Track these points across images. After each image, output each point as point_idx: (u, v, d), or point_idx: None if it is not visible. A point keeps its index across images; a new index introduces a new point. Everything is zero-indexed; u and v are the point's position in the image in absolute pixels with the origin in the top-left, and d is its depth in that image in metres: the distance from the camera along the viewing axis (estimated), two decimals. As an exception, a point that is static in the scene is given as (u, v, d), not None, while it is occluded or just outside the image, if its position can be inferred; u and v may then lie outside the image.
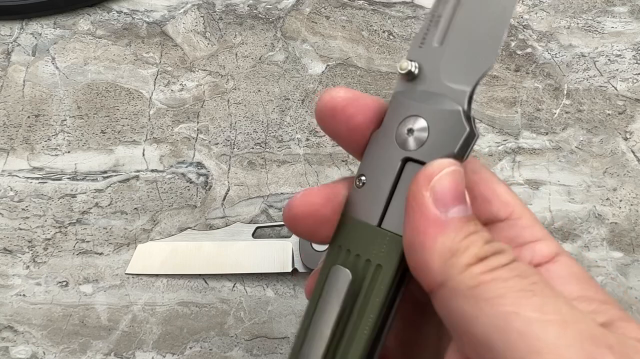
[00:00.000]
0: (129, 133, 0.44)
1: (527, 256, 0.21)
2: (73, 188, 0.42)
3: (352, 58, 0.47)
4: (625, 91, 0.46)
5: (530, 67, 0.47)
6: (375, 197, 0.21)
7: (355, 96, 0.22)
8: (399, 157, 0.21)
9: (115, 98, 0.45)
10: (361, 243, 0.21)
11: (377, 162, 0.22)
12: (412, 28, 0.49)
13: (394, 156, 0.21)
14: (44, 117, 0.44)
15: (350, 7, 0.50)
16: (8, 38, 0.47)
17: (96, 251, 0.40)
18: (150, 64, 0.46)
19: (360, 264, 0.21)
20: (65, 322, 0.38)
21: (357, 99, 0.22)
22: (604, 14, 0.49)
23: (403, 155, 0.21)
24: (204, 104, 0.45)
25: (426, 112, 0.21)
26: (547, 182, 0.42)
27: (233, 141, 0.44)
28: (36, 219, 0.41)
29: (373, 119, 0.22)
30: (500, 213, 0.22)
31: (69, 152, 0.43)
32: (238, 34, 0.48)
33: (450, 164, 0.20)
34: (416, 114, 0.21)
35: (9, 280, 0.39)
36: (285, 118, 0.45)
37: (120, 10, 0.49)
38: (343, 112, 0.22)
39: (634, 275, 0.40)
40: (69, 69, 0.46)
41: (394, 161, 0.21)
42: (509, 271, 0.18)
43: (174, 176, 0.42)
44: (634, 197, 0.42)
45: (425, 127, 0.21)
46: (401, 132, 0.21)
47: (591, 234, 0.41)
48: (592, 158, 0.43)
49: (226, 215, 0.41)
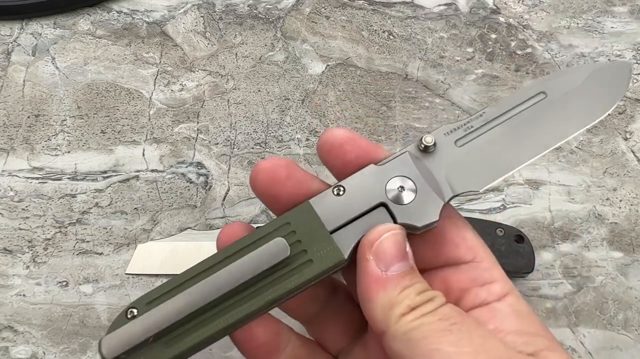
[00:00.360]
0: (129, 133, 0.44)
1: (484, 294, 0.24)
2: (73, 188, 0.42)
3: (352, 58, 0.47)
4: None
5: (530, 67, 0.47)
6: (341, 210, 0.24)
7: (352, 136, 0.25)
8: (379, 199, 0.24)
9: (115, 98, 0.45)
10: (309, 235, 0.24)
11: (361, 188, 0.25)
12: (412, 28, 0.49)
13: (376, 195, 0.24)
14: (44, 117, 0.44)
15: (350, 7, 0.50)
16: (8, 38, 0.47)
17: (96, 251, 0.40)
18: (150, 64, 0.46)
19: (297, 249, 0.24)
20: (65, 322, 0.38)
21: (353, 139, 0.25)
22: (604, 14, 0.49)
23: (383, 200, 0.24)
24: (204, 104, 0.45)
25: (420, 186, 0.25)
26: (547, 182, 0.42)
27: (233, 141, 0.44)
28: (36, 219, 0.41)
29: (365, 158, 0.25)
30: (466, 256, 0.25)
31: (69, 152, 0.43)
32: (238, 34, 0.48)
33: (389, 229, 0.23)
34: (413, 181, 0.25)
35: (9, 280, 0.39)
36: (285, 118, 0.45)
37: (120, 10, 0.49)
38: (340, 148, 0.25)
39: (634, 275, 0.40)
40: (69, 69, 0.46)
41: (374, 198, 0.24)
42: (433, 316, 0.22)
43: (174, 176, 0.42)
44: (634, 197, 0.42)
45: (413, 196, 0.24)
46: (394, 182, 0.25)
47: (591, 234, 0.41)
48: (592, 158, 0.43)
49: (226, 215, 0.41)
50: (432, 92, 0.46)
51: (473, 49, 0.48)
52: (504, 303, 0.24)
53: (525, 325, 0.23)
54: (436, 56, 0.47)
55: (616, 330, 0.38)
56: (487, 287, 0.24)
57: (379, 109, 0.45)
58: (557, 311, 0.39)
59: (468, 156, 0.25)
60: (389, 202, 0.24)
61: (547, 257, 0.40)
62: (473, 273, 0.25)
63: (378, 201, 0.24)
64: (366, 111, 0.45)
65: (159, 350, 0.23)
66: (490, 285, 0.24)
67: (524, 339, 0.23)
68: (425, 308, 0.22)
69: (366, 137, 0.44)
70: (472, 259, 0.25)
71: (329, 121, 0.45)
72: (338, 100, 0.45)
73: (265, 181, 0.25)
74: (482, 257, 0.25)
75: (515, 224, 0.41)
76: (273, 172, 0.25)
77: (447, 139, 0.26)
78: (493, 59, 0.47)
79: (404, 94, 0.46)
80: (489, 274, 0.25)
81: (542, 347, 0.23)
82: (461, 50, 0.48)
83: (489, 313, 0.24)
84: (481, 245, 0.26)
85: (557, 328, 0.38)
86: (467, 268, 0.25)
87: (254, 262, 0.23)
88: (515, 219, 0.41)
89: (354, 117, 0.45)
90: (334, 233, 0.24)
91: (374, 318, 0.23)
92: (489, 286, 0.24)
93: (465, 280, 0.25)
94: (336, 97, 0.45)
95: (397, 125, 0.45)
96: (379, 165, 0.25)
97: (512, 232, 0.38)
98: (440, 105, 0.45)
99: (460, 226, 0.26)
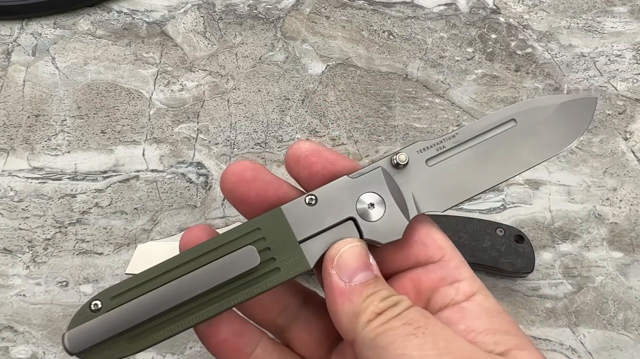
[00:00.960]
0: (129, 133, 0.44)
1: (452, 293, 0.25)
2: (73, 188, 0.42)
3: (352, 58, 0.47)
4: (625, 91, 0.46)
5: (530, 67, 0.47)
6: (312, 221, 0.25)
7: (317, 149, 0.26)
8: (349, 214, 0.25)
9: (115, 98, 0.45)
10: (278, 243, 0.25)
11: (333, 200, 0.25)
12: (412, 28, 0.49)
13: (346, 209, 0.25)
14: (44, 117, 0.44)
15: (350, 7, 0.50)
16: (8, 38, 0.47)
17: (96, 251, 0.40)
18: (150, 64, 0.46)
19: (266, 256, 0.24)
20: (65, 322, 0.38)
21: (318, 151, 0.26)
22: (604, 14, 0.49)
23: (352, 214, 0.25)
24: (204, 104, 0.45)
25: (389, 204, 0.25)
26: (547, 182, 0.42)
27: (233, 141, 0.44)
28: (36, 219, 0.41)
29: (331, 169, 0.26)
30: (435, 256, 0.26)
31: (69, 152, 0.43)
32: (238, 34, 0.48)
33: (347, 242, 0.24)
34: (383, 198, 0.25)
35: (9, 280, 0.39)
36: (285, 118, 0.45)
37: (120, 10, 0.49)
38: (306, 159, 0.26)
39: (634, 275, 0.40)
40: (69, 69, 0.46)
41: (344, 212, 0.25)
42: (398, 320, 0.22)
43: (174, 176, 0.42)
44: (634, 197, 0.42)
45: (381, 214, 0.25)
46: (364, 198, 0.25)
47: (591, 234, 0.41)
48: (592, 158, 0.43)
49: (226, 215, 0.41)
50: (432, 92, 0.46)
51: (473, 49, 0.48)
52: (473, 302, 0.24)
53: (495, 324, 0.24)
54: (436, 56, 0.47)
55: (616, 330, 0.38)
56: (455, 285, 0.25)
57: (379, 109, 0.45)
58: (557, 311, 0.39)
59: (436, 176, 0.26)
60: (358, 218, 0.25)
61: (547, 257, 0.40)
62: (442, 272, 0.25)
63: (347, 216, 0.25)
64: (366, 111, 0.45)
65: (122, 345, 0.23)
66: (459, 283, 0.25)
67: (495, 338, 0.23)
68: (390, 312, 0.23)
69: (366, 137, 0.44)
70: (440, 258, 0.26)
71: (329, 121, 0.45)
72: (338, 100, 0.45)
73: (232, 181, 0.26)
74: (450, 256, 0.26)
75: (515, 224, 0.41)
76: (240, 173, 0.26)
77: (419, 156, 0.26)
78: (493, 59, 0.47)
79: (404, 94, 0.46)
80: (457, 272, 0.25)
81: (512, 346, 0.23)
82: (461, 50, 0.48)
83: (459, 313, 0.24)
84: (449, 244, 0.26)
85: (557, 328, 0.38)
86: (435, 267, 0.25)
87: (224, 269, 0.24)
88: (515, 219, 0.41)
89: (354, 117, 0.45)
90: (303, 243, 0.25)
91: (342, 328, 0.23)
92: (457, 284, 0.25)
93: (434, 279, 0.25)
94: (336, 97, 0.45)
95: (397, 125, 0.45)
96: (352, 178, 0.26)
97: (512, 232, 0.38)
98: (440, 105, 0.45)
99: (429, 226, 0.26)
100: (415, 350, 0.21)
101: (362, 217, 0.25)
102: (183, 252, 0.25)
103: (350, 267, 0.24)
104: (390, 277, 0.26)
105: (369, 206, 0.25)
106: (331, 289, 0.24)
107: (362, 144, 0.44)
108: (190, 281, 0.24)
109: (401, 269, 0.26)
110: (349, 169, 0.26)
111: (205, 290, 0.24)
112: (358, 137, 0.44)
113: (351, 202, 0.25)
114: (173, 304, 0.23)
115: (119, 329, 0.23)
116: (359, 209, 0.25)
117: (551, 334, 0.38)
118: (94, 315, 0.23)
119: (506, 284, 0.39)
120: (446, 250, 0.26)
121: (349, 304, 0.23)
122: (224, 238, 0.25)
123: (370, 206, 0.25)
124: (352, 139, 0.44)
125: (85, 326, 0.23)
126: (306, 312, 0.28)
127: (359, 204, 0.25)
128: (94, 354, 0.23)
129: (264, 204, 0.26)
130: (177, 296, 0.23)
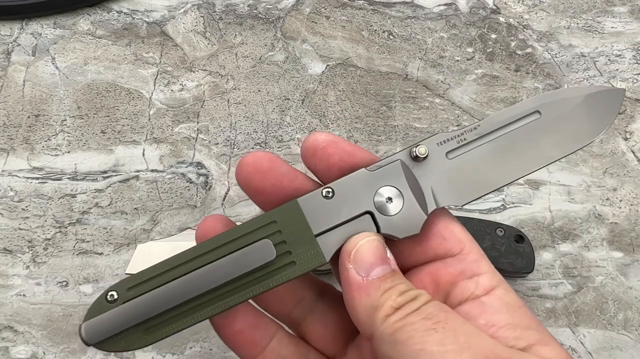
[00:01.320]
0: (129, 133, 0.44)
1: (471, 287, 0.24)
2: (73, 188, 0.42)
3: (352, 58, 0.47)
4: (625, 91, 0.46)
5: (530, 67, 0.47)
6: (329, 214, 0.24)
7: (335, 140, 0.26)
8: (366, 208, 0.25)
9: (115, 98, 0.45)
10: (294, 236, 0.24)
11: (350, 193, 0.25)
12: (412, 28, 0.49)
13: (364, 203, 0.25)
14: (44, 117, 0.44)
15: (350, 7, 0.50)
16: (8, 38, 0.47)
17: (96, 251, 0.40)
18: (150, 64, 0.46)
19: (282, 250, 0.24)
20: (65, 322, 0.38)
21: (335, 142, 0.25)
22: (604, 14, 0.49)
23: (370, 209, 0.25)
24: (204, 104, 0.45)
25: (407, 198, 0.25)
26: (547, 182, 0.42)
27: (233, 141, 0.44)
28: (36, 219, 0.41)
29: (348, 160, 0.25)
30: (453, 249, 0.25)
31: (69, 152, 0.43)
32: (238, 34, 0.48)
33: (363, 237, 0.24)
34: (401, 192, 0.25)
35: (9, 280, 0.39)
36: (285, 118, 0.45)
37: (120, 10, 0.49)
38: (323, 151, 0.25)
39: (634, 275, 0.40)
40: (69, 69, 0.46)
41: (361, 206, 0.25)
42: (417, 315, 0.22)
43: (174, 176, 0.42)
44: (634, 197, 0.42)
45: (399, 208, 0.25)
46: (382, 192, 0.25)
47: (591, 234, 0.41)
48: (592, 158, 0.43)
49: (226, 215, 0.41)
50: (432, 92, 0.46)
51: (473, 49, 0.48)
52: (493, 296, 0.24)
53: (516, 318, 0.23)
54: (436, 56, 0.47)
55: (616, 330, 0.38)
56: (475, 279, 0.24)
57: (379, 109, 0.45)
58: (557, 311, 0.39)
59: (456, 169, 0.26)
60: (375, 212, 0.25)
61: (547, 257, 0.40)
62: (461, 266, 0.25)
63: (365, 209, 0.25)
64: (366, 111, 0.45)
65: (138, 336, 0.23)
66: (478, 277, 0.24)
67: (516, 333, 0.23)
68: (409, 307, 0.22)
69: (366, 137, 0.44)
70: (459, 251, 0.25)
71: (329, 121, 0.45)
72: (338, 100, 0.45)
73: (248, 172, 0.25)
74: (469, 249, 0.25)
75: (515, 224, 0.41)
76: (256, 163, 0.25)
77: (439, 149, 0.26)
78: (493, 59, 0.47)
79: (404, 94, 0.46)
80: (476, 265, 0.25)
81: (534, 341, 0.22)
82: (461, 50, 0.48)
83: (479, 307, 0.23)
84: (468, 238, 0.26)
85: (557, 328, 0.38)
86: (454, 261, 0.25)
87: (240, 262, 0.24)
88: (515, 219, 0.41)
89: (354, 117, 0.45)
90: (319, 236, 0.24)
91: (360, 322, 0.23)
92: (477, 278, 0.24)
93: (453, 273, 0.25)
94: (336, 97, 0.45)
95: (397, 125, 0.45)
96: (370, 171, 0.25)
97: (512, 232, 0.38)
98: (440, 105, 0.45)
99: (447, 219, 0.26)
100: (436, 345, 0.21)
101: (379, 212, 0.25)
102: (199, 244, 0.25)
103: (368, 261, 0.23)
104: (408, 271, 0.26)
105: (386, 199, 0.25)
106: (348, 283, 0.24)
107: (362, 144, 0.44)
108: (206, 274, 0.24)
109: (419, 263, 0.26)
110: (367, 161, 0.25)
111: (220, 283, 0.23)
112: (358, 137, 0.44)
113: (369, 196, 0.25)
114: (189, 297, 0.23)
115: (135, 321, 0.23)
116: (377, 202, 0.25)
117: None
118: (111, 306, 0.23)
119: (506, 284, 0.39)
120: (465, 243, 0.25)
121: (366, 298, 0.23)
122: (240, 230, 0.25)
123: (388, 199, 0.25)
124: (352, 139, 0.44)
125: (102, 317, 0.23)
126: (322, 305, 0.28)
127: (377, 197, 0.25)
128: (110, 345, 0.23)
129: (280, 195, 0.26)
130: (193, 288, 0.23)
